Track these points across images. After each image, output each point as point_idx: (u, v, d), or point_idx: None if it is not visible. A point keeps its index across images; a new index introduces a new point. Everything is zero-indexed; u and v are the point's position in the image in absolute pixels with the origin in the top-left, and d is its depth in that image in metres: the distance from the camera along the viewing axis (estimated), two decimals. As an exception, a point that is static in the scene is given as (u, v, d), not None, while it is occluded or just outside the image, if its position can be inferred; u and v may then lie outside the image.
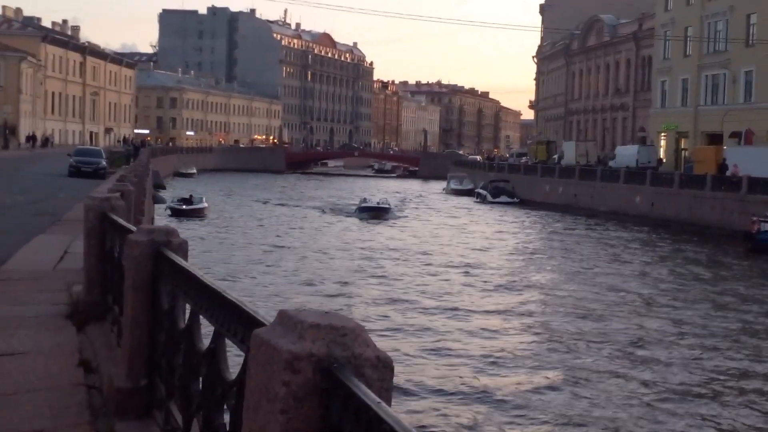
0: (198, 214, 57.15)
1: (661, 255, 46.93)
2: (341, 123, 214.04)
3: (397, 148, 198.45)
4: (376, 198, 65.93)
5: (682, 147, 79.63)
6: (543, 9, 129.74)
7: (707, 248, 48.43)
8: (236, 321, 3.76)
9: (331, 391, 2.67)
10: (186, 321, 4.85)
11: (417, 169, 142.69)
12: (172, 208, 56.61)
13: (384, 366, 2.70)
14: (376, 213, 59.12)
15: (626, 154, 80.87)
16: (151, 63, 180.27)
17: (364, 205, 61.38)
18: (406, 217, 62.25)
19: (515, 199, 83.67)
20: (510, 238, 56.10)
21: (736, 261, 44.14)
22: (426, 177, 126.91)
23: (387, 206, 61.62)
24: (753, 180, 55.93)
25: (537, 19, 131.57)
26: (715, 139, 73.74)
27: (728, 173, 60.77)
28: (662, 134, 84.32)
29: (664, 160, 79.57)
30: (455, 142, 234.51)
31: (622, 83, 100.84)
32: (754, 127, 69.89)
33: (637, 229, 58.94)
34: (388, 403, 2.54)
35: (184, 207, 57.23)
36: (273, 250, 42.89)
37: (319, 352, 2.68)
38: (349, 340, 2.74)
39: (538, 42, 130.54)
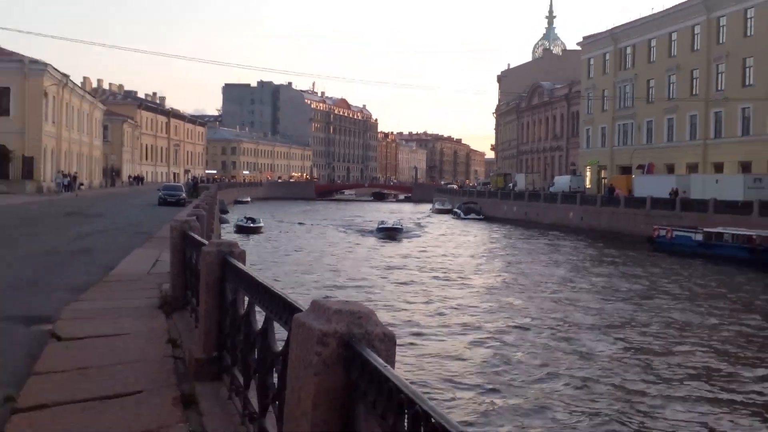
0: (257, 231, 57.18)
1: (587, 253, 47.10)
2: (355, 163, 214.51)
3: (395, 180, 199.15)
4: (392, 221, 63.51)
5: (602, 176, 79.74)
6: (499, 78, 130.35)
7: (621, 249, 48.47)
8: (281, 309, 3.82)
9: (350, 359, 2.71)
10: (245, 309, 4.90)
11: (410, 194, 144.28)
12: (238, 226, 56.72)
13: (389, 339, 2.76)
14: (391, 233, 57.50)
15: (562, 182, 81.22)
16: (217, 122, 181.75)
17: (381, 226, 60.01)
18: (418, 236, 60.35)
19: (481, 216, 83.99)
20: (478, 242, 56.68)
21: (641, 257, 44.18)
22: (417, 201, 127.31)
23: (400, 227, 60.03)
24: (654, 200, 56.05)
25: (495, 86, 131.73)
26: (626, 170, 73.95)
27: (614, 194, 61.80)
28: (587, 167, 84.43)
29: (589, 186, 79.67)
30: (437, 175, 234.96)
31: (558, 131, 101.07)
32: (654, 161, 70.13)
33: (570, 236, 59.03)
34: (392, 366, 2.60)
35: (250, 225, 57.64)
36: (310, 257, 42.63)
37: (341, 330, 2.74)
38: (363, 321, 2.79)
39: (497, 102, 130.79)
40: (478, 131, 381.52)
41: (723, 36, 63.83)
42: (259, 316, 4.39)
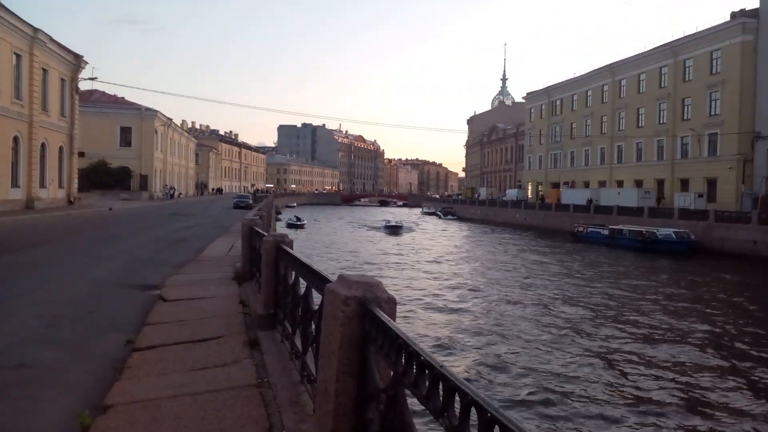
0: (302, 226, 55.82)
1: (528, 242, 46.76)
2: (368, 179, 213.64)
3: (396, 191, 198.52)
4: (395, 220, 60.78)
5: (539, 189, 79.40)
6: (469, 121, 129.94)
7: (552, 240, 48.27)
8: (317, 280, 3.82)
9: (365, 315, 2.73)
10: (292, 280, 4.89)
11: (406, 201, 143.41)
12: (288, 223, 55.75)
13: (392, 302, 2.78)
14: (394, 229, 55.10)
15: (511, 193, 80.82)
16: (273, 151, 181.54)
17: (387, 224, 57.80)
18: (413, 231, 58.02)
19: (456, 217, 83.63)
20: (454, 234, 56.00)
21: (566, 245, 43.98)
22: (411, 206, 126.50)
23: (401, 225, 57.62)
24: (575, 206, 55.81)
25: (466, 126, 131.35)
26: (556, 185, 73.58)
27: (545, 202, 61.54)
28: (529, 183, 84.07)
29: (530, 196, 79.33)
30: (425, 188, 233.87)
31: (509, 158, 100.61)
32: (575, 179, 69.79)
33: (517, 230, 58.76)
34: (394, 320, 2.61)
35: (297, 222, 56.55)
36: (338, 245, 41.81)
37: (358, 295, 2.75)
38: (374, 289, 2.80)
39: (467, 137, 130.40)
40: (454, 157, 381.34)
41: (623, 92, 63.56)
42: (302, 285, 4.38)
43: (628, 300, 21.49)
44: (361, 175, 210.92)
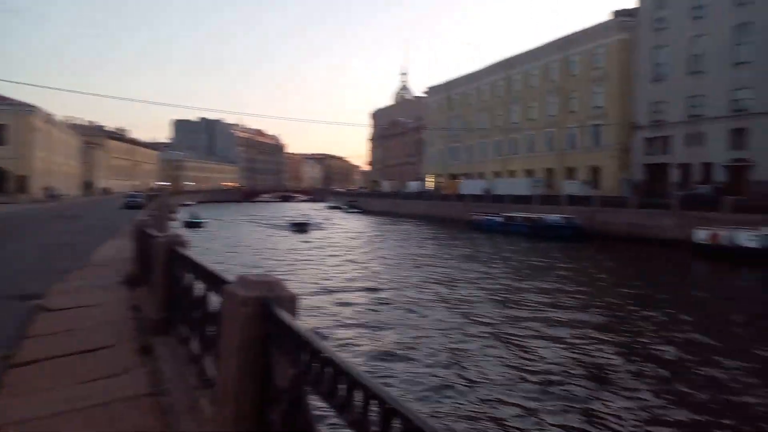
0: (200, 225, 52.75)
1: (429, 232, 47.97)
2: (270, 174, 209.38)
3: (300, 187, 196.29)
4: (302, 218, 57.38)
5: (439, 182, 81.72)
6: (372, 116, 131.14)
7: (451, 228, 49.93)
8: (215, 281, 3.67)
9: (266, 315, 2.65)
10: (188, 282, 4.69)
11: (311, 196, 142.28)
12: (185, 222, 52.34)
13: (292, 300, 2.71)
14: (301, 227, 51.27)
15: (413, 185, 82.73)
16: (167, 148, 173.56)
17: (294, 222, 53.79)
18: (320, 228, 54.09)
19: (361, 210, 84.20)
20: (361, 227, 56.31)
21: (465, 233, 45.59)
22: (316, 201, 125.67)
23: (308, 222, 54.00)
24: (473, 196, 57.93)
25: (369, 120, 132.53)
26: (455, 177, 76.02)
27: (442, 193, 63.72)
28: (429, 176, 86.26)
29: (431, 188, 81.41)
30: (330, 182, 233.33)
31: (410, 151, 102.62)
32: (473, 171, 72.43)
33: (419, 221, 60.18)
34: (295, 318, 2.55)
35: (195, 221, 53.36)
36: (241, 245, 39.43)
37: (258, 295, 2.68)
38: (274, 288, 2.73)
39: (371, 131, 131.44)
40: (358, 151, 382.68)
41: (516, 86, 66.72)
42: (199, 288, 4.21)
43: (515, 280, 22.72)
44: (262, 171, 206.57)
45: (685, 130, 45.37)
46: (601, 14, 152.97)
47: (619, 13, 52.43)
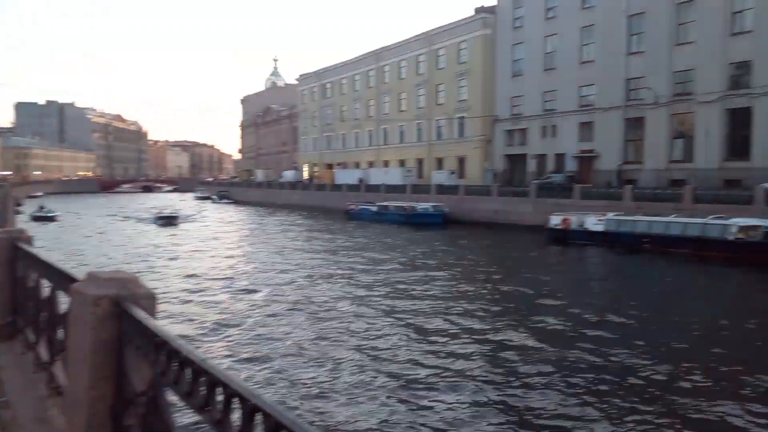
0: (52, 219, 48.01)
1: (304, 223, 47.72)
2: (131, 163, 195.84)
3: (164, 176, 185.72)
4: (170, 210, 51.84)
5: (314, 171, 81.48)
6: (243, 101, 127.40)
7: (327, 218, 50.07)
8: (63, 280, 3.40)
9: (120, 314, 2.51)
10: (34, 282, 4.29)
11: (177, 186, 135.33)
12: (34, 216, 47.62)
13: (150, 297, 2.58)
14: (169, 220, 46.27)
15: (288, 175, 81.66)
16: (10, 133, 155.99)
17: (160, 215, 48.08)
18: (188, 221, 50.18)
19: (232, 200, 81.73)
20: (233, 218, 54.61)
21: (340, 222, 45.90)
22: (182, 191, 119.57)
23: (177, 215, 49.02)
24: (348, 185, 58.50)
25: (240, 106, 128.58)
26: (330, 166, 76.18)
27: (313, 182, 63.76)
28: (305, 165, 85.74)
29: (307, 177, 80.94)
30: (198, 172, 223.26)
31: (284, 139, 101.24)
32: (347, 160, 73.07)
33: (295, 211, 59.65)
34: (154, 317, 2.44)
35: (45, 215, 48.45)
36: (101, 240, 36.31)
37: (111, 293, 2.53)
38: (130, 285, 2.59)
39: (242, 117, 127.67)
40: (229, 139, 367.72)
41: (387, 78, 68.07)
42: (47, 287, 3.87)
43: (382, 266, 23.37)
44: (122, 159, 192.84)
45: (541, 123, 49.05)
46: (467, 9, 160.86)
47: (480, 10, 55.24)
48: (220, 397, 1.84)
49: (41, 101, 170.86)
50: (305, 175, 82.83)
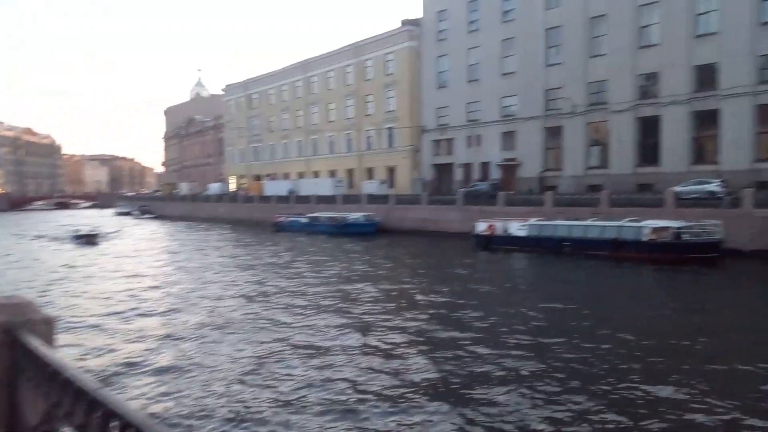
0: None
1: (231, 236, 46.56)
2: (44, 179, 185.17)
3: (82, 192, 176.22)
4: (88, 228, 47.05)
5: (242, 183, 79.90)
6: (166, 112, 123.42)
7: (255, 231, 49.03)
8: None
9: (13, 343, 2.33)
10: None
11: (95, 202, 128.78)
12: None
13: (47, 323, 2.41)
14: (90, 239, 42.41)
15: (214, 187, 79.42)
16: None
17: (78, 234, 43.87)
18: (108, 238, 45.78)
19: (154, 215, 78.65)
20: (155, 234, 52.24)
21: (268, 235, 45.09)
22: (102, 207, 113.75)
23: (96, 233, 44.47)
24: (278, 197, 57.73)
25: (163, 117, 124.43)
26: (258, 178, 74.96)
27: (238, 194, 62.65)
28: (232, 177, 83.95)
29: (234, 190, 79.15)
30: (119, 186, 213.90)
31: (210, 151, 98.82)
32: (276, 171, 72.13)
33: (221, 225, 58.03)
34: (51, 344, 2.29)
35: None
36: (8, 264, 32.39)
37: (2, 320, 2.35)
38: (24, 311, 2.41)
39: (165, 129, 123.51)
40: (151, 152, 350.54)
41: (315, 88, 67.88)
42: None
43: (314, 277, 23.21)
44: (34, 174, 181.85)
45: (466, 133, 50.33)
46: (394, 21, 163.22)
47: (406, 23, 56.20)
48: (115, 428, 1.75)
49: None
50: (232, 187, 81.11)
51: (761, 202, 26.69)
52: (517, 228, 31.26)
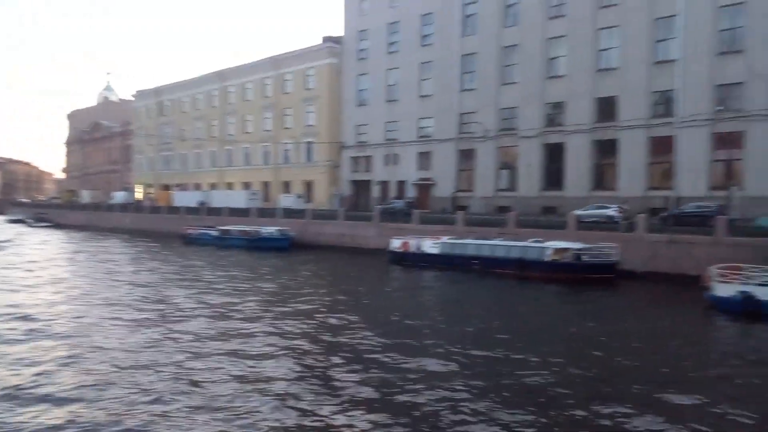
0: None
1: (135, 249, 44.32)
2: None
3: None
4: None
5: (150, 192, 76.61)
6: (69, 116, 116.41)
7: (162, 243, 47.03)
8: None
9: None
10: None
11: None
12: None
13: None
14: None
15: (119, 196, 75.62)
16: None
17: None
18: (2, 249, 42.39)
19: (51, 224, 73.56)
20: (52, 244, 48.73)
21: (176, 248, 43.32)
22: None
23: None
24: (187, 208, 55.81)
25: (66, 122, 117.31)
26: (167, 187, 72.25)
27: (142, 204, 60.31)
28: (139, 185, 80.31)
29: (141, 199, 75.66)
30: (12, 192, 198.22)
31: (116, 157, 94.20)
32: (187, 182, 69.85)
33: (125, 236, 55.18)
34: None
35: None
36: None
37: None
38: None
39: (68, 133, 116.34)
40: (50, 156, 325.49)
41: (232, 99, 66.59)
42: None
43: (221, 295, 22.62)
44: None
45: (384, 151, 51.07)
46: (317, 37, 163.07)
47: (328, 39, 56.55)
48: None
49: None
50: (139, 196, 77.64)
51: (653, 227, 28.80)
52: (429, 245, 31.91)
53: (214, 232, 45.90)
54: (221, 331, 16.08)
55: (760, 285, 19.09)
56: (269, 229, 42.85)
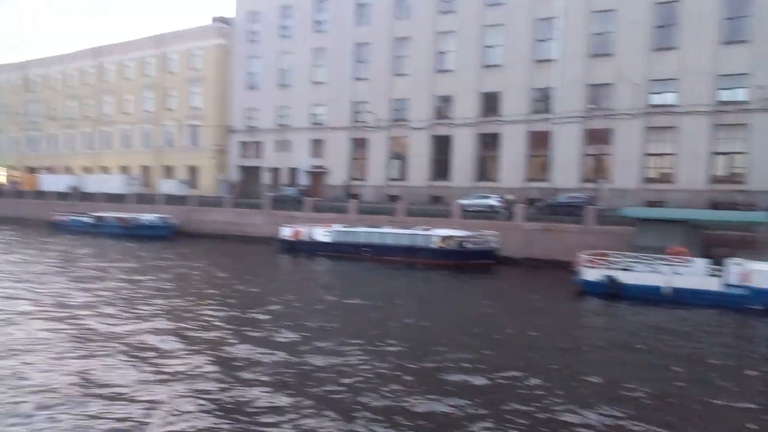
0: None
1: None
2: None
3: None
4: None
5: (12, 175, 69.88)
6: None
7: (27, 230, 43.16)
8: None
9: None
10: None
11: None
12: None
13: None
14: None
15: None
16: None
17: None
18: None
19: None
20: None
21: (44, 238, 39.85)
22: None
23: None
24: (58, 193, 51.64)
25: None
26: (34, 170, 66.34)
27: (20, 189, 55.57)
28: (0, 168, 73.05)
29: (4, 183, 68.86)
30: None
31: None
32: (56, 164, 64.60)
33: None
34: None
35: None
36: None
37: None
38: None
39: None
40: None
41: (109, 76, 62.24)
42: None
43: (88, 283, 21.31)
44: None
45: (276, 137, 50.13)
46: (205, 17, 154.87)
47: (217, 20, 54.40)
48: None
49: None
50: (1, 179, 70.64)
51: (530, 216, 30.70)
52: (321, 233, 31.91)
53: (87, 219, 42.91)
54: (65, 334, 15.09)
55: (622, 270, 21.06)
56: (149, 217, 40.75)
